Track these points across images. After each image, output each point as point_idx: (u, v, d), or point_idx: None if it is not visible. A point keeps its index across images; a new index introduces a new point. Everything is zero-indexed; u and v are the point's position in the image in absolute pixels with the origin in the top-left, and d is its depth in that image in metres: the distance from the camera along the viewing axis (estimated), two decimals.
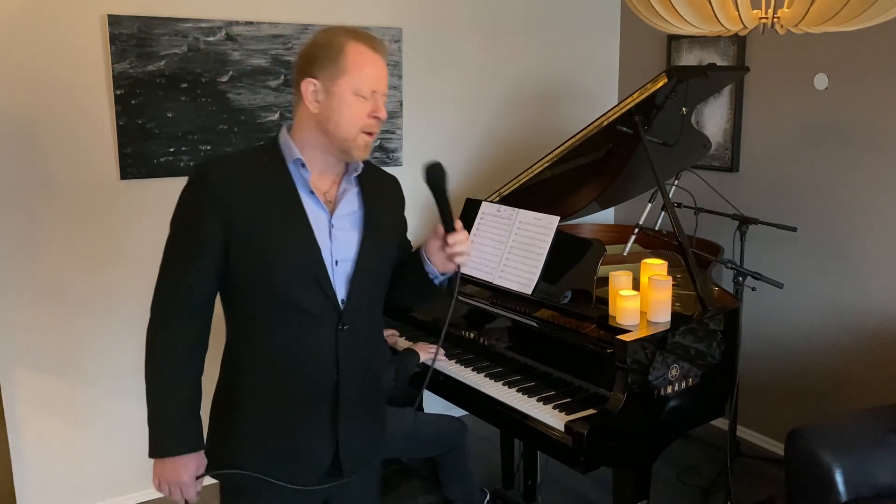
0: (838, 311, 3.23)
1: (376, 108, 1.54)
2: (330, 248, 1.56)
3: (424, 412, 2.77)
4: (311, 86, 1.51)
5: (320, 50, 1.52)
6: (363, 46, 1.52)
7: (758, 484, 3.22)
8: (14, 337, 2.82)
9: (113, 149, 2.87)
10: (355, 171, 1.61)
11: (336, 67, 1.50)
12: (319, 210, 1.57)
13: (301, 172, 1.55)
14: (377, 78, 1.54)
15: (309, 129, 1.55)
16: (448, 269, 1.63)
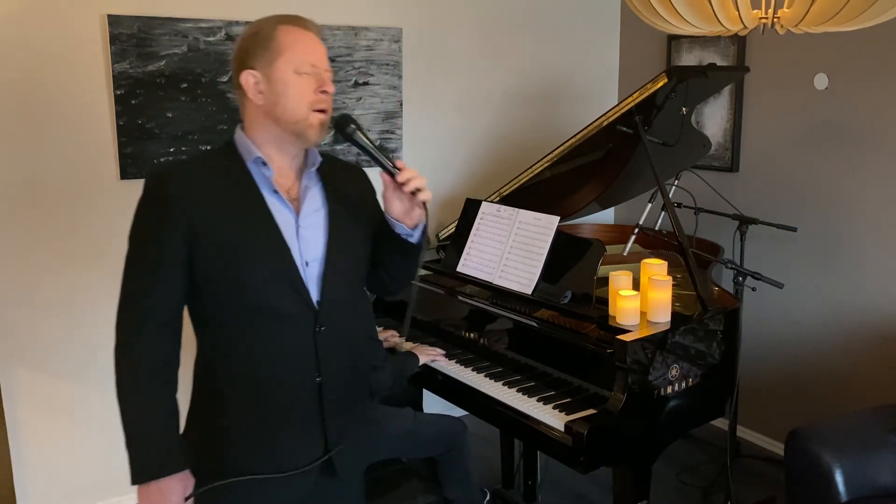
0: (838, 311, 3.23)
1: (321, 81, 1.50)
2: (299, 249, 1.52)
3: (424, 412, 2.77)
4: (251, 77, 1.48)
5: (251, 40, 1.49)
6: (291, 26, 1.50)
7: (758, 484, 3.22)
8: (14, 337, 2.82)
9: (113, 149, 2.87)
10: (314, 165, 1.57)
11: (270, 52, 1.47)
12: (285, 210, 1.53)
13: (262, 171, 1.51)
14: (313, 52, 1.50)
15: (260, 123, 1.51)
16: (416, 219, 1.56)
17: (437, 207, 3.66)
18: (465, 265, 2.73)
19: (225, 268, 1.46)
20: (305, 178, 1.57)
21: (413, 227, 1.56)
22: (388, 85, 3.41)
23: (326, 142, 3.27)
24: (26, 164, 2.75)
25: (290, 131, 1.49)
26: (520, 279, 2.53)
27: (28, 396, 2.86)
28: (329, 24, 3.22)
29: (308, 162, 1.58)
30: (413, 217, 1.55)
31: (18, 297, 2.81)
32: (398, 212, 1.55)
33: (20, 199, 2.76)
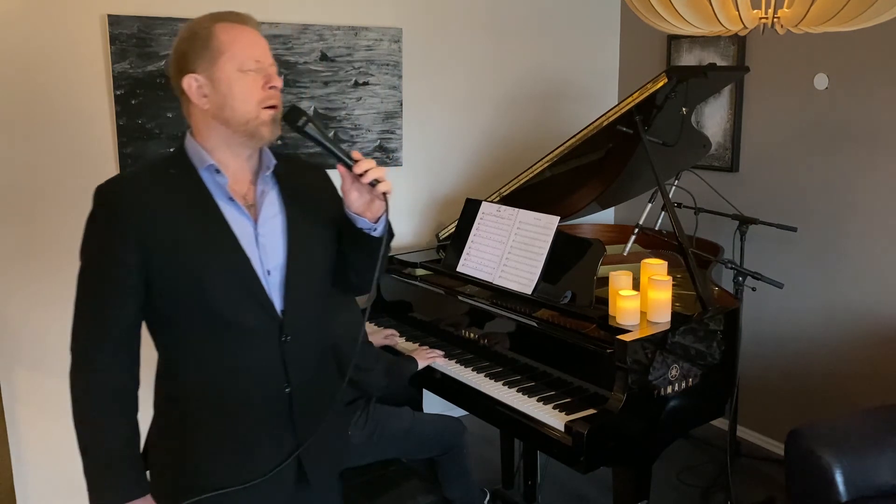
0: (838, 311, 3.23)
1: (268, 77, 1.43)
2: (259, 258, 1.46)
3: (423, 412, 2.77)
4: (194, 81, 1.40)
5: (189, 43, 1.42)
6: (229, 23, 1.43)
7: (758, 484, 3.22)
8: (14, 337, 2.82)
9: (113, 149, 2.87)
10: (268, 169, 1.50)
11: (210, 52, 1.40)
12: (242, 218, 1.46)
13: (216, 179, 1.44)
14: (255, 47, 1.43)
15: (209, 127, 1.43)
16: (377, 211, 1.48)
17: (437, 207, 3.66)
18: (465, 265, 2.73)
19: (183, 283, 1.40)
20: (261, 183, 1.50)
21: (375, 221, 1.49)
22: (388, 85, 3.41)
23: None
24: (26, 163, 2.75)
25: (241, 132, 1.42)
26: (520, 279, 2.53)
27: (28, 396, 2.86)
28: (329, 24, 3.22)
29: (262, 165, 1.50)
30: (374, 210, 1.48)
31: (18, 297, 2.81)
32: (358, 205, 1.47)
33: (20, 198, 2.76)
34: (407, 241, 3.60)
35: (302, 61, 3.17)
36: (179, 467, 1.48)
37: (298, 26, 3.14)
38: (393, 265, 3.05)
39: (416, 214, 3.63)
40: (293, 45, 3.14)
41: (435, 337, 2.76)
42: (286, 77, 3.14)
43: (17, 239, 2.78)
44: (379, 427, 2.46)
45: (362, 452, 2.45)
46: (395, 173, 3.51)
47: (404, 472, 2.48)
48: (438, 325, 2.77)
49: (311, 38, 3.18)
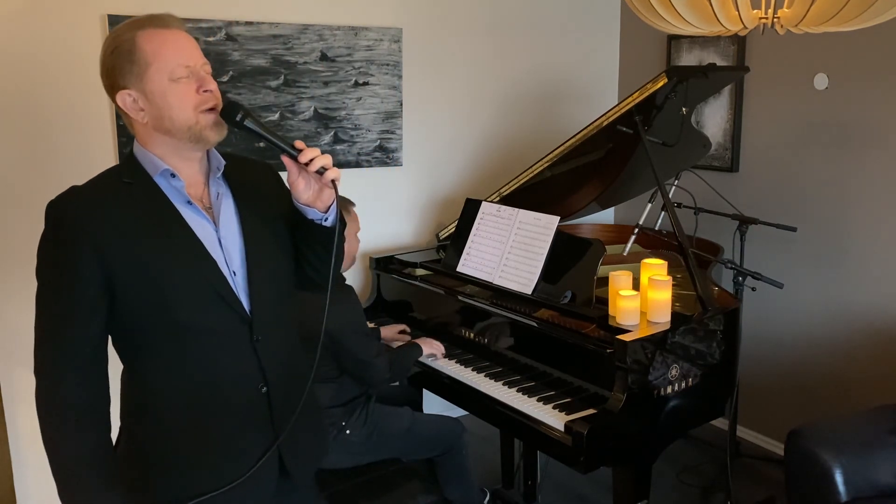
0: (838, 311, 3.22)
1: (201, 81, 1.38)
2: (224, 260, 1.44)
3: (423, 412, 2.77)
4: (128, 97, 1.37)
5: (113, 58, 1.36)
6: (152, 29, 1.36)
7: (758, 484, 3.22)
8: (14, 337, 2.82)
9: (113, 149, 2.87)
10: (218, 171, 1.48)
11: (137, 66, 1.35)
12: (203, 220, 1.44)
13: (173, 183, 1.41)
14: (183, 51, 1.37)
15: (154, 138, 1.40)
16: (326, 200, 1.45)
17: (437, 207, 3.66)
18: (465, 265, 2.73)
19: (149, 292, 1.36)
20: (214, 185, 1.48)
21: (325, 210, 1.46)
22: (388, 85, 3.41)
23: (326, 142, 3.28)
24: (26, 163, 2.75)
25: (185, 138, 1.39)
26: (520, 279, 2.53)
27: (28, 396, 2.84)
28: (329, 24, 3.22)
29: (212, 167, 1.48)
30: (324, 199, 1.45)
31: (18, 297, 2.81)
32: (308, 196, 1.44)
33: (20, 198, 2.76)
34: (407, 241, 3.60)
35: (302, 61, 3.17)
36: (158, 479, 1.45)
37: (298, 26, 3.14)
38: (393, 265, 3.05)
39: (416, 214, 3.63)
40: (293, 45, 3.14)
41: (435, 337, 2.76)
42: (286, 77, 3.14)
43: (17, 239, 2.78)
44: (378, 426, 2.46)
45: (362, 452, 2.45)
46: (395, 173, 3.51)
47: (404, 472, 2.48)
48: (438, 325, 2.77)
49: (311, 38, 3.18)
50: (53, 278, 1.37)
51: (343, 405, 2.43)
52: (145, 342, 1.41)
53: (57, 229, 1.37)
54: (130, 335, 1.42)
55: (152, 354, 1.42)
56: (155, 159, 1.41)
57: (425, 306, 2.85)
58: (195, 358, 1.42)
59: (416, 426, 2.55)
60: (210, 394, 1.44)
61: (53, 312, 1.38)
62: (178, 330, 1.40)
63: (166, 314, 1.38)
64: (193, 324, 1.40)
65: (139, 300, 1.37)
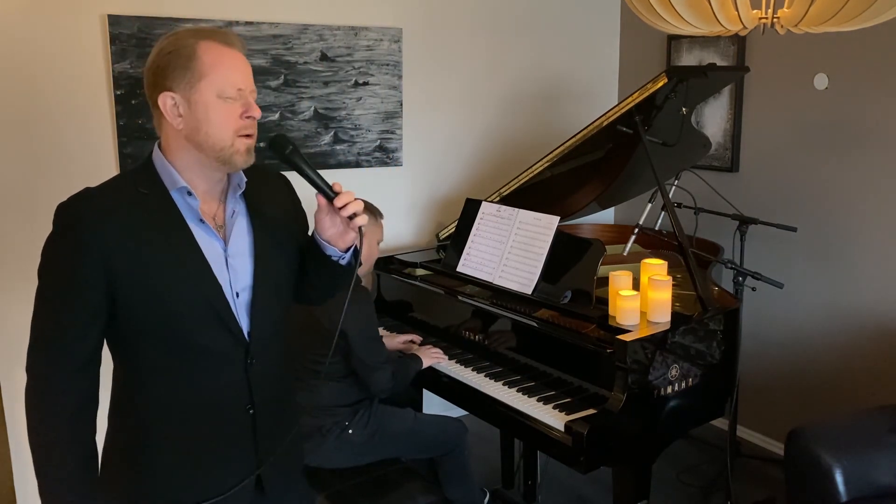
0: (838, 311, 3.23)
1: (247, 106, 1.37)
2: (229, 280, 1.43)
3: (424, 413, 2.77)
4: (170, 100, 1.36)
5: (169, 58, 1.35)
6: (216, 43, 1.36)
7: (758, 484, 3.22)
8: (14, 337, 2.82)
9: (113, 149, 2.87)
10: (240, 189, 1.46)
11: (191, 73, 1.34)
12: (213, 240, 1.43)
13: (188, 201, 1.40)
14: (239, 73, 1.37)
15: (181, 147, 1.39)
16: (348, 241, 1.48)
17: (437, 207, 3.66)
18: (465, 265, 2.73)
19: (150, 306, 1.36)
20: (231, 203, 1.47)
21: (345, 250, 1.49)
22: (388, 85, 3.41)
23: (326, 142, 3.28)
24: (26, 163, 2.75)
25: (213, 158, 1.38)
26: (520, 279, 2.53)
27: None
28: (329, 24, 3.22)
29: (232, 185, 1.47)
30: (346, 240, 1.47)
31: (18, 297, 2.81)
32: (331, 234, 1.46)
33: (20, 198, 2.76)
34: (407, 241, 3.60)
35: (302, 61, 3.17)
36: (137, 486, 1.45)
37: (298, 26, 3.14)
38: (393, 265, 3.05)
39: (416, 214, 3.63)
40: (293, 45, 3.14)
41: (435, 337, 2.76)
42: (286, 77, 3.14)
43: (17, 239, 2.78)
44: (381, 427, 2.46)
45: (363, 452, 2.45)
46: (395, 173, 3.51)
47: (404, 472, 2.48)
48: (438, 325, 2.77)
49: (311, 38, 3.18)
50: (56, 280, 1.37)
51: (348, 405, 2.43)
52: (140, 353, 1.41)
53: (65, 231, 1.36)
54: (127, 344, 1.42)
55: (146, 365, 1.42)
56: (174, 174, 1.40)
57: (425, 306, 2.85)
58: (187, 374, 1.42)
59: (418, 427, 2.55)
60: (198, 410, 1.44)
61: (52, 314, 1.38)
62: (174, 345, 1.40)
63: (164, 329, 1.38)
64: (190, 341, 1.40)
65: (139, 312, 1.37)
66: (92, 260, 1.33)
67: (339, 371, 2.39)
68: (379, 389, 2.40)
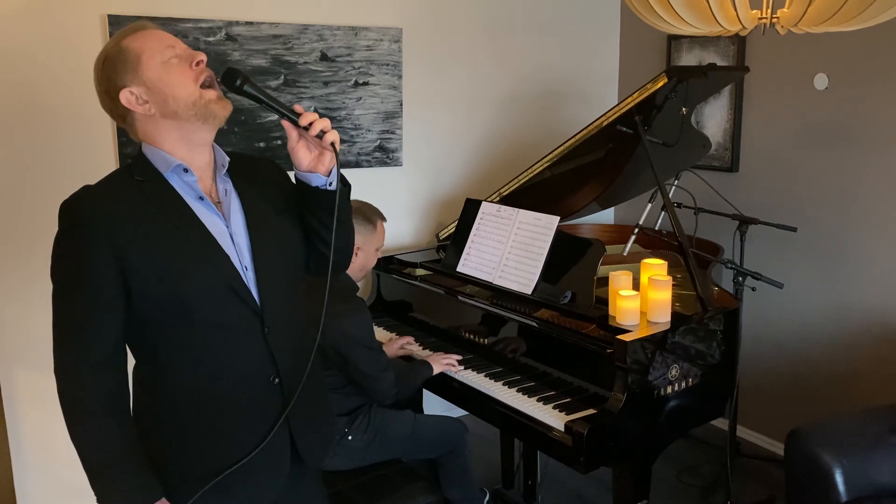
0: (838, 311, 3.22)
1: (190, 57, 1.43)
2: (237, 255, 1.47)
3: (425, 414, 2.77)
4: (129, 94, 1.40)
5: (107, 67, 1.42)
6: (132, 33, 1.44)
7: (758, 484, 3.22)
8: (14, 337, 2.82)
9: (113, 149, 2.87)
10: (223, 168, 1.51)
11: (131, 62, 1.40)
12: (215, 216, 1.47)
13: (185, 179, 1.44)
14: (164, 38, 1.44)
15: (161, 129, 1.43)
16: (327, 163, 1.49)
17: (437, 207, 3.66)
18: (465, 265, 2.73)
19: (164, 289, 1.39)
20: (221, 181, 1.51)
21: (327, 174, 1.50)
22: (388, 85, 3.41)
23: None
24: (26, 163, 2.75)
25: (193, 117, 1.42)
26: (520, 279, 2.53)
27: (28, 396, 2.87)
28: (329, 24, 3.22)
29: (217, 164, 1.52)
30: (325, 162, 1.49)
31: (18, 297, 2.81)
32: (308, 161, 1.49)
33: (20, 198, 2.76)
34: (407, 241, 3.60)
35: (302, 61, 3.17)
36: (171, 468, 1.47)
37: (298, 26, 3.14)
38: (393, 265, 3.05)
39: (416, 214, 3.63)
40: (293, 45, 3.14)
41: (435, 337, 2.76)
42: (285, 77, 3.14)
43: (17, 239, 2.78)
44: (381, 431, 2.45)
45: (363, 456, 2.44)
46: (395, 173, 3.51)
47: (404, 472, 2.48)
48: (438, 326, 2.77)
49: (311, 38, 3.18)
50: (69, 278, 1.39)
51: (347, 414, 2.42)
52: (160, 337, 1.44)
53: (71, 229, 1.39)
54: (145, 330, 1.44)
55: (167, 349, 1.45)
56: (165, 155, 1.44)
57: (425, 306, 2.85)
58: (210, 352, 1.45)
59: (418, 429, 2.55)
60: (224, 386, 1.47)
61: (71, 313, 1.39)
62: (193, 325, 1.42)
63: (181, 310, 1.41)
64: (208, 318, 1.43)
65: (155, 297, 1.40)
66: (101, 252, 1.36)
67: (337, 382, 2.37)
68: (382, 398, 2.38)
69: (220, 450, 1.48)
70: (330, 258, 1.54)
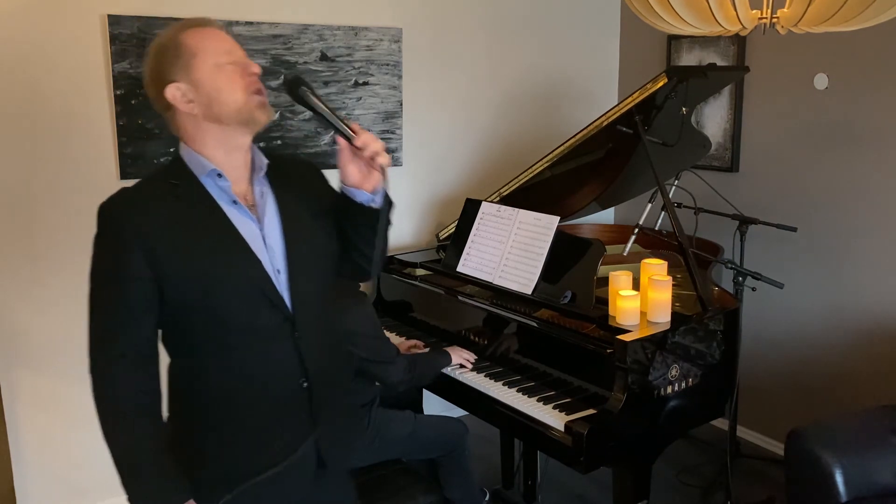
0: (838, 311, 3.22)
1: (244, 65, 1.44)
2: (269, 258, 1.48)
3: (425, 414, 2.77)
4: (176, 90, 1.41)
5: (159, 57, 1.43)
6: (195, 28, 1.44)
7: (758, 484, 3.22)
8: (14, 337, 2.82)
9: (113, 149, 2.87)
10: (261, 171, 1.52)
11: (183, 58, 1.41)
12: (248, 220, 1.48)
13: (219, 184, 1.45)
14: (224, 41, 1.44)
15: (202, 131, 1.44)
16: (374, 182, 1.49)
17: (437, 207, 3.66)
18: (465, 265, 2.73)
19: (196, 291, 1.41)
20: (258, 184, 1.52)
21: (373, 192, 1.50)
22: (388, 85, 3.41)
23: (326, 142, 3.28)
24: (26, 164, 2.75)
25: (235, 123, 1.43)
26: (520, 279, 2.53)
27: (28, 396, 2.86)
28: (329, 24, 3.22)
29: (256, 167, 1.52)
30: (372, 181, 1.49)
31: (18, 297, 2.81)
32: (356, 178, 1.48)
33: (20, 198, 2.76)
34: (407, 241, 3.60)
35: (302, 61, 3.17)
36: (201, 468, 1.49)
37: (298, 26, 3.14)
38: (393, 265, 3.05)
39: (416, 214, 3.63)
40: (293, 45, 3.14)
41: (435, 337, 2.76)
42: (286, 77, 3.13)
43: (17, 239, 2.78)
44: (382, 432, 2.46)
45: (364, 455, 2.44)
46: (395, 173, 3.51)
47: (404, 472, 2.48)
48: (438, 326, 2.77)
49: (311, 38, 3.18)
50: (106, 279, 1.42)
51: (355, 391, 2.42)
52: (192, 338, 1.46)
53: (108, 231, 1.42)
54: (178, 331, 1.47)
55: (198, 350, 1.47)
56: (202, 160, 1.45)
57: (425, 306, 2.85)
58: (240, 354, 1.46)
59: (419, 429, 2.55)
60: (254, 389, 1.48)
61: (106, 313, 1.42)
62: (224, 327, 1.44)
63: (213, 312, 1.43)
64: (239, 321, 1.44)
65: (187, 298, 1.42)
66: (135, 255, 1.38)
67: None
68: (395, 384, 2.39)
69: (247, 451, 1.50)
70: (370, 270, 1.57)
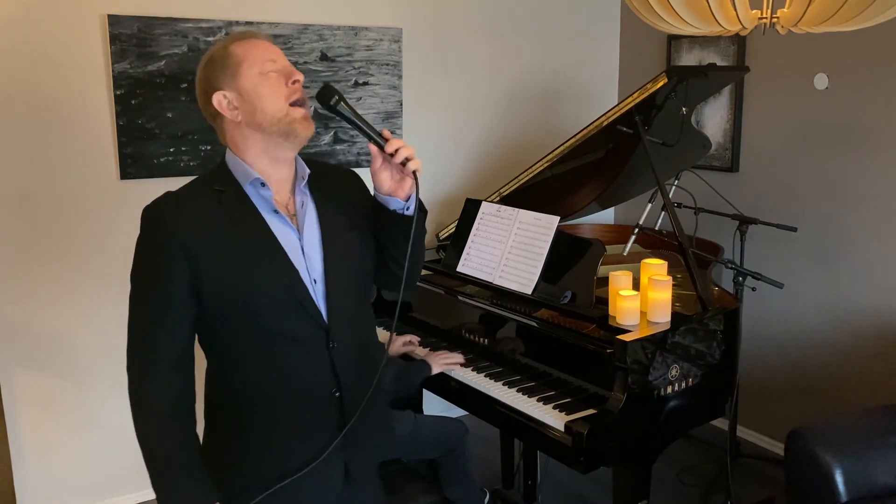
0: (838, 311, 3.23)
1: (289, 73, 1.47)
2: (306, 268, 1.50)
3: (425, 414, 2.77)
4: (222, 97, 1.45)
5: (208, 67, 1.48)
6: (241, 39, 1.48)
7: (758, 484, 3.22)
8: (14, 337, 2.82)
9: (113, 149, 2.87)
10: (303, 179, 1.54)
11: (230, 68, 1.45)
12: (288, 230, 1.50)
13: (261, 193, 1.48)
14: (269, 50, 1.48)
15: (246, 138, 1.48)
16: (407, 189, 1.51)
17: (437, 207, 3.66)
18: (465, 265, 2.73)
19: (233, 297, 1.44)
20: (299, 193, 1.54)
21: (406, 199, 1.53)
22: (388, 85, 3.41)
23: (326, 142, 3.28)
24: (26, 164, 2.75)
25: (276, 133, 1.46)
26: (520, 279, 2.53)
27: (28, 396, 2.87)
28: (329, 24, 3.22)
29: (298, 176, 1.55)
30: (405, 188, 1.51)
31: (19, 297, 2.81)
32: (389, 185, 1.51)
33: (20, 198, 2.76)
34: None
35: (302, 61, 3.17)
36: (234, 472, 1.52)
37: (298, 26, 3.14)
38: None
39: None
40: (293, 45, 3.14)
41: (434, 337, 2.76)
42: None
43: (17, 239, 2.78)
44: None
45: None
46: None
47: (404, 472, 2.48)
48: (438, 326, 2.77)
49: (311, 38, 3.18)
50: (146, 281, 1.45)
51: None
52: (229, 344, 1.49)
53: (151, 233, 1.45)
54: (216, 336, 1.49)
55: (235, 356, 1.49)
56: (246, 167, 1.48)
57: (425, 306, 2.85)
58: (274, 361, 1.49)
59: (418, 429, 2.55)
60: (286, 396, 1.50)
61: (145, 313, 1.45)
62: (259, 334, 1.47)
63: (248, 319, 1.45)
64: (274, 329, 1.47)
65: (223, 304, 1.45)
66: (176, 258, 1.41)
67: None
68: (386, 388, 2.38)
69: (275, 458, 1.51)
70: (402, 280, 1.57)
